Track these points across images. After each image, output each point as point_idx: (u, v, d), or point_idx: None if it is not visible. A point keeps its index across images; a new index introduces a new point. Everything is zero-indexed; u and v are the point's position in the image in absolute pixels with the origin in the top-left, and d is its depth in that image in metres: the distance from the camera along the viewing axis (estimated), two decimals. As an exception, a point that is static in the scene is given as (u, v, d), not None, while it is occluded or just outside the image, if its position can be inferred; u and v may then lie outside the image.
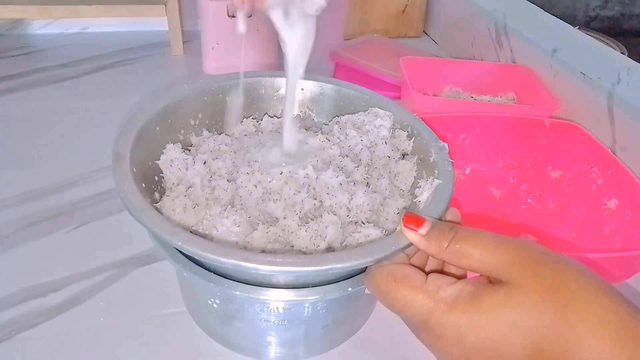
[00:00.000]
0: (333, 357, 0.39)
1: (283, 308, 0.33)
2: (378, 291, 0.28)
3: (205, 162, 0.37)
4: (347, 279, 0.31)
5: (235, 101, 0.42)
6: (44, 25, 0.88)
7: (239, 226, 0.33)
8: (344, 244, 0.33)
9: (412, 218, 0.28)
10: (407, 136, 0.40)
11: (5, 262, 0.45)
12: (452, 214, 0.32)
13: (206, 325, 0.39)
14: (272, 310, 0.33)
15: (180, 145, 0.38)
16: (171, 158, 0.37)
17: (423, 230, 0.28)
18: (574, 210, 0.52)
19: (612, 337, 0.22)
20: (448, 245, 0.26)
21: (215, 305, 0.34)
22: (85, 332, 0.39)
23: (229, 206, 0.34)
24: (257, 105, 0.44)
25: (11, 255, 0.46)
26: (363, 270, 0.30)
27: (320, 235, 0.32)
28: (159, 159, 0.37)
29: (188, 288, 0.39)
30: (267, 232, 0.33)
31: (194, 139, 0.41)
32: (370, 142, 0.40)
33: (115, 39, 0.89)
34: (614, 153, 0.53)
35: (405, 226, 0.28)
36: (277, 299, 0.30)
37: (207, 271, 0.31)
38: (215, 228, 0.33)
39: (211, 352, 0.38)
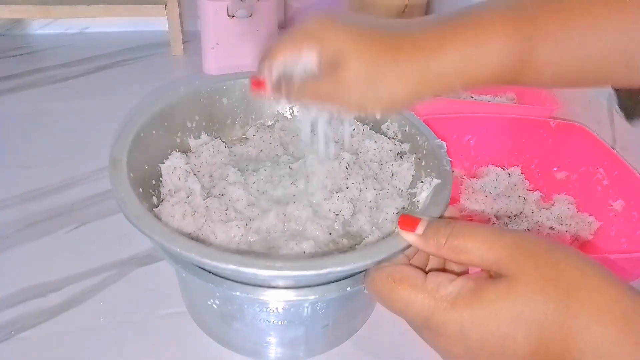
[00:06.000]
0: (333, 356, 0.39)
1: (282, 308, 0.33)
2: (378, 293, 0.28)
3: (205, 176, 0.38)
4: (347, 278, 0.31)
5: None
6: (44, 25, 0.88)
7: (242, 235, 0.33)
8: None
9: (407, 220, 0.28)
10: (394, 135, 0.41)
11: (5, 262, 0.45)
12: (449, 212, 0.32)
13: (206, 325, 0.39)
14: (271, 311, 0.33)
15: (184, 156, 0.38)
16: (175, 166, 0.37)
17: (419, 230, 0.28)
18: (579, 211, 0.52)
19: (617, 324, 0.22)
20: (446, 242, 0.26)
21: (215, 305, 0.34)
22: (85, 332, 0.39)
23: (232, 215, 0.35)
24: (253, 106, 0.44)
25: (11, 255, 0.46)
26: (363, 270, 0.30)
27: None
28: (163, 163, 0.37)
29: (188, 289, 0.39)
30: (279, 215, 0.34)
31: (192, 142, 0.41)
32: (355, 148, 0.40)
33: (115, 39, 0.89)
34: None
35: (401, 229, 0.28)
36: (276, 300, 0.30)
37: (206, 272, 0.31)
38: (214, 234, 0.33)
39: (211, 352, 0.38)
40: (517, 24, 0.28)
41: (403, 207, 0.37)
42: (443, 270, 0.30)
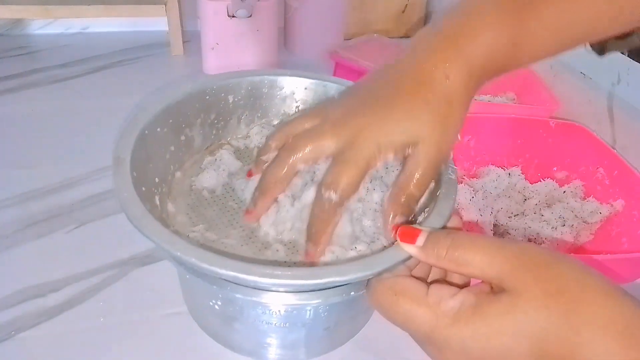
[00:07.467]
0: (334, 358, 0.39)
1: (285, 311, 0.32)
2: (379, 306, 0.27)
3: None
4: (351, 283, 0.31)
5: None
6: (44, 25, 0.88)
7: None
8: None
9: (407, 232, 0.28)
10: None
11: (5, 262, 0.45)
12: (452, 222, 0.31)
13: (207, 326, 0.39)
14: (273, 313, 0.33)
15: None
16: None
17: (419, 241, 0.27)
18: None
19: (619, 338, 0.22)
20: (446, 254, 0.26)
21: (216, 307, 0.34)
22: (85, 332, 0.39)
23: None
24: (259, 104, 0.44)
25: (11, 255, 0.46)
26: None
27: None
28: (166, 157, 0.37)
29: (189, 289, 0.39)
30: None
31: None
32: None
33: (115, 39, 0.89)
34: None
35: (401, 241, 0.28)
36: (278, 303, 0.30)
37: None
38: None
39: (211, 352, 0.38)
40: (507, 8, 0.30)
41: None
42: (444, 279, 0.29)
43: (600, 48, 0.36)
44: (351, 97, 0.33)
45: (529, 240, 0.50)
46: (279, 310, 0.32)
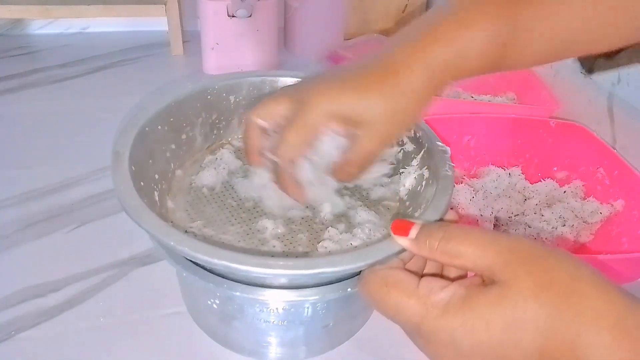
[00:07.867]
0: (334, 357, 0.39)
1: (283, 308, 0.33)
2: (370, 297, 0.27)
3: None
4: (347, 279, 0.31)
5: None
6: (44, 25, 0.88)
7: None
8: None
9: (400, 225, 0.28)
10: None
11: (5, 262, 0.45)
12: (449, 216, 0.31)
13: (206, 325, 0.39)
14: (271, 311, 0.33)
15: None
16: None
17: (412, 234, 0.27)
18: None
19: (611, 330, 0.22)
20: (438, 245, 0.26)
21: (215, 305, 0.34)
22: (85, 332, 0.39)
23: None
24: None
25: (11, 255, 0.46)
26: (357, 272, 0.30)
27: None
28: (167, 154, 0.38)
29: (188, 288, 0.39)
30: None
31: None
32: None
33: (115, 39, 0.89)
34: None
35: (394, 234, 0.28)
36: (276, 300, 0.30)
37: (206, 272, 0.31)
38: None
39: (211, 352, 0.38)
40: (498, 9, 0.30)
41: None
42: (440, 274, 0.29)
43: (590, 67, 0.36)
44: (322, 74, 0.34)
45: (529, 240, 0.50)
46: (277, 308, 0.32)
